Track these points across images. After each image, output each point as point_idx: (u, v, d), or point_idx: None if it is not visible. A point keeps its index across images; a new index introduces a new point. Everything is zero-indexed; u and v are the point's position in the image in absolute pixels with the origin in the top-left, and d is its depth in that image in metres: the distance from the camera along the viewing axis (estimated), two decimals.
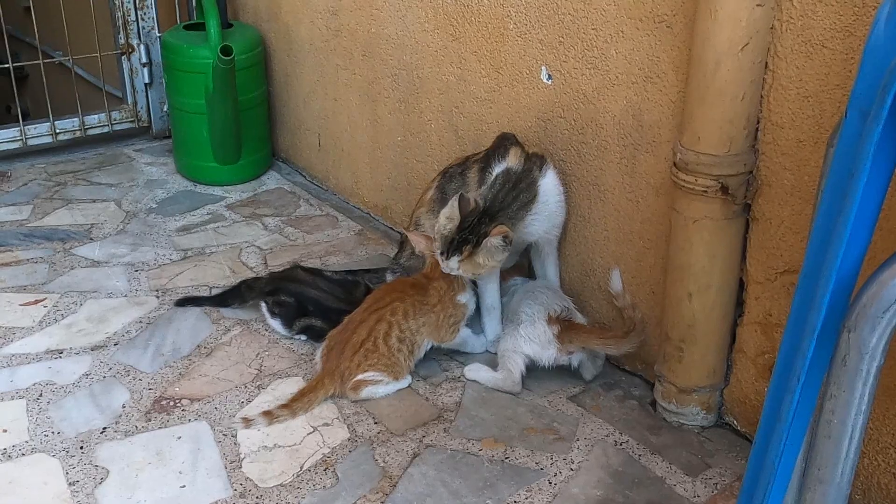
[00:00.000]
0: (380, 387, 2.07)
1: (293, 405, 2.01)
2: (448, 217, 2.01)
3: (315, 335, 2.26)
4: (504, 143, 2.17)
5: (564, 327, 2.06)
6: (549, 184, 2.11)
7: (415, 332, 2.10)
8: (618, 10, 1.95)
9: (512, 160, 2.09)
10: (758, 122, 1.74)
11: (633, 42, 1.94)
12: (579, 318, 2.13)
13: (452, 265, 2.02)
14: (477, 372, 2.15)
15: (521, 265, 2.34)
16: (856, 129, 1.06)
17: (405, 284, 2.18)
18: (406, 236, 2.34)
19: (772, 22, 1.66)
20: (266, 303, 2.32)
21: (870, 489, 1.70)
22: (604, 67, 2.02)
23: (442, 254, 2.03)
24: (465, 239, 1.98)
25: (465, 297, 2.15)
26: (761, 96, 1.71)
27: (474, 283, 2.17)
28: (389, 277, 2.39)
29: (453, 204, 1.99)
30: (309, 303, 2.28)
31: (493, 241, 1.97)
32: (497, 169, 2.10)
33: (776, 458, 1.16)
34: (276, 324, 2.31)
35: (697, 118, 1.74)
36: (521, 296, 2.17)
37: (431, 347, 2.16)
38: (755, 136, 1.75)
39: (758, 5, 1.63)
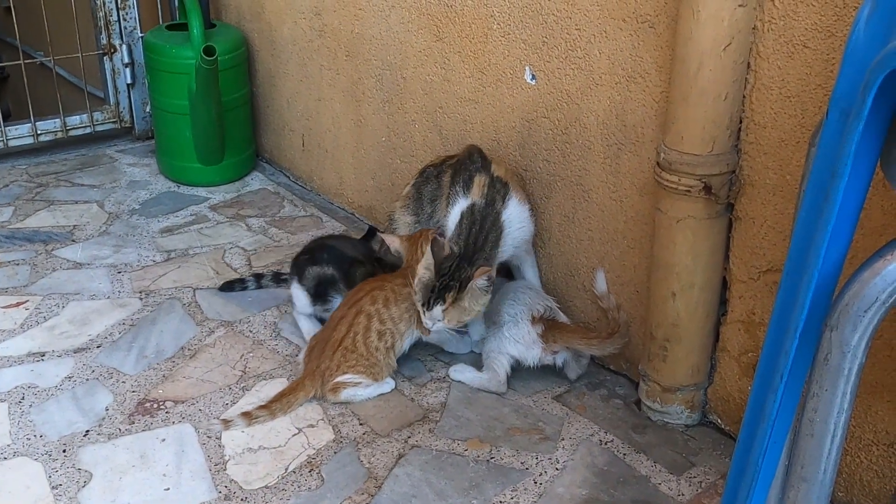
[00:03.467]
0: (359, 389, 2.06)
1: (272, 406, 2.00)
2: (426, 267, 1.95)
3: (326, 285, 2.25)
4: (469, 167, 2.11)
5: (548, 327, 2.07)
6: (511, 213, 2.07)
7: (397, 320, 2.08)
8: (601, 11, 1.96)
9: (475, 194, 2.05)
10: (740, 122, 1.74)
11: (617, 42, 1.94)
12: (562, 318, 2.14)
13: (436, 315, 1.95)
14: (462, 372, 2.15)
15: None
16: (837, 129, 1.07)
17: (385, 275, 2.19)
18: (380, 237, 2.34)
19: (754, 22, 1.66)
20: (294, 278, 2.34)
21: (852, 486, 1.72)
22: (587, 68, 2.03)
23: (423, 305, 1.96)
24: (446, 285, 1.93)
25: None
26: (744, 96, 1.72)
27: None
28: None
29: (427, 251, 1.93)
30: (325, 251, 2.30)
31: (479, 282, 1.94)
32: (462, 203, 2.06)
33: (760, 457, 1.17)
34: (298, 292, 2.29)
35: (680, 118, 1.74)
36: (503, 296, 2.17)
37: (417, 343, 2.14)
38: (738, 136, 1.75)
39: (740, 6, 1.63)
